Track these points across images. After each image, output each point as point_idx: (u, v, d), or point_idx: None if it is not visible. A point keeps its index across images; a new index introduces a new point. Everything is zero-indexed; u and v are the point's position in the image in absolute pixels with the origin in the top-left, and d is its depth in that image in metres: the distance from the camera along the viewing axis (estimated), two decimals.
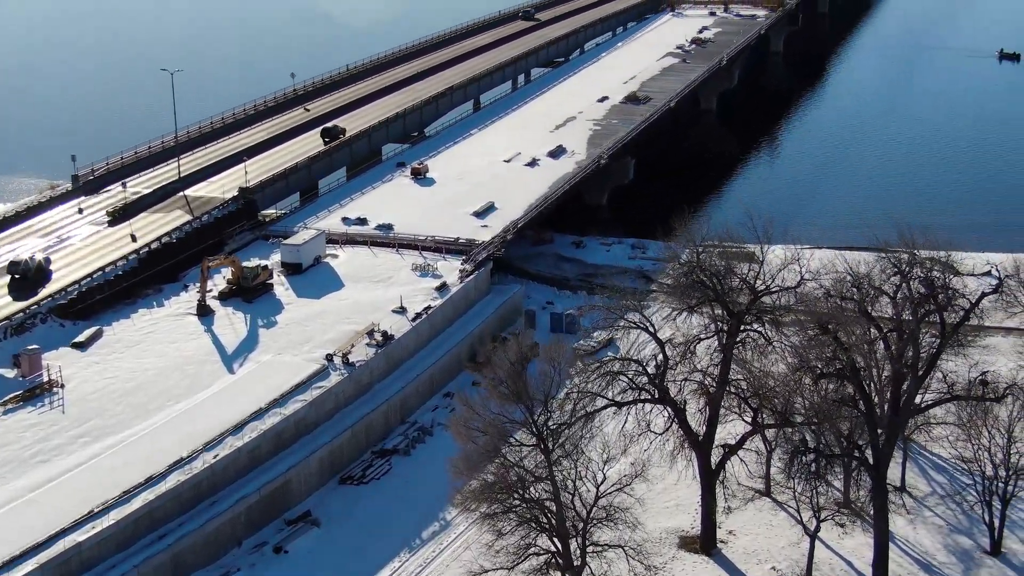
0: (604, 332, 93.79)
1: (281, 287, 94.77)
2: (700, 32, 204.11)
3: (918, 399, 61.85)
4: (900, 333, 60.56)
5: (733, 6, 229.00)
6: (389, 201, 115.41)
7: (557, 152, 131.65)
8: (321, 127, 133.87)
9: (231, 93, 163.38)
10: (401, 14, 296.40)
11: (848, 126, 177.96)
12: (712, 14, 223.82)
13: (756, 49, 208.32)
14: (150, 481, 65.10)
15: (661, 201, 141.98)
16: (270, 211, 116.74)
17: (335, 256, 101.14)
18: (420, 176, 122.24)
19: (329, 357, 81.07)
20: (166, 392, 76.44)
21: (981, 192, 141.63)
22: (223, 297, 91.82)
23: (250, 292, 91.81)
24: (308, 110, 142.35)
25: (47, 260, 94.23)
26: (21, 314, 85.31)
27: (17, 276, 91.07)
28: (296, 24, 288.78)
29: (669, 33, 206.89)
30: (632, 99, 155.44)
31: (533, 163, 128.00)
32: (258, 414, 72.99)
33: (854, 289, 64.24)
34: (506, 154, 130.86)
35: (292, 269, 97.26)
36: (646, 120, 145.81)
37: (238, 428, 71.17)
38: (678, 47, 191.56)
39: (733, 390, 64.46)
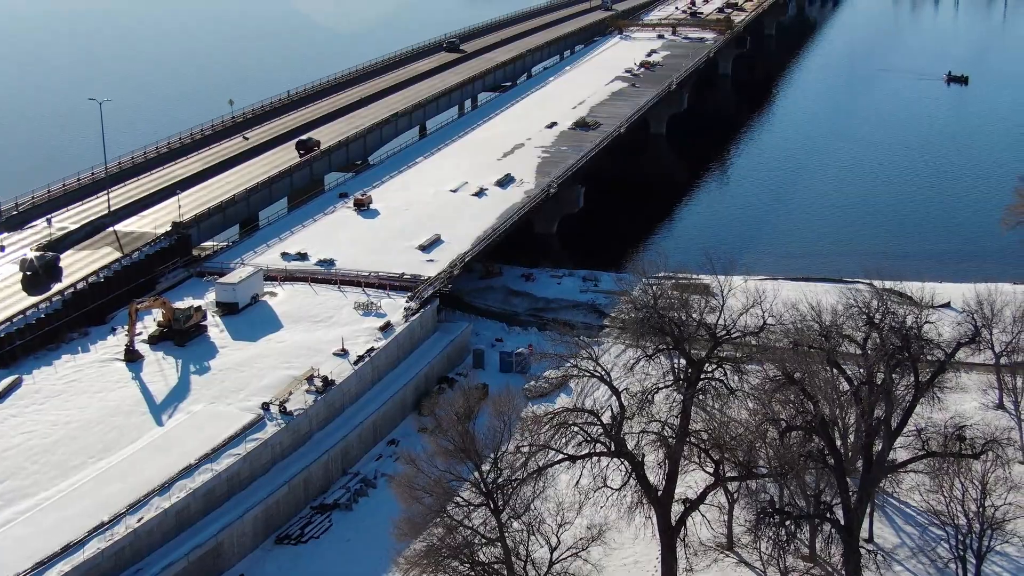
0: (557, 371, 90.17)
1: (216, 329, 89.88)
2: (649, 55, 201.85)
3: (891, 453, 58.56)
4: (872, 387, 57.12)
5: (681, 29, 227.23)
6: (331, 234, 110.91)
7: (505, 181, 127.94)
8: (296, 140, 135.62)
9: (166, 121, 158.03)
10: (347, 37, 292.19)
11: (799, 149, 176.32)
12: (660, 37, 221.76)
13: (704, 72, 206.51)
14: (67, 550, 60.02)
15: (612, 229, 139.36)
16: (209, 243, 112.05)
17: (273, 294, 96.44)
18: (363, 208, 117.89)
19: (265, 406, 76.39)
20: (88, 448, 71.29)
21: (933, 218, 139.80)
22: (153, 341, 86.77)
23: (182, 335, 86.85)
24: (247, 139, 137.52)
25: None
26: None
27: None
28: (236, 49, 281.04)
29: (617, 56, 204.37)
30: (581, 125, 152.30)
31: (481, 193, 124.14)
32: (188, 471, 68.10)
33: (822, 339, 60.50)
34: (453, 183, 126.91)
35: (228, 309, 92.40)
36: (596, 147, 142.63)
37: (165, 487, 66.24)
38: (627, 71, 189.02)
39: (694, 441, 60.79)
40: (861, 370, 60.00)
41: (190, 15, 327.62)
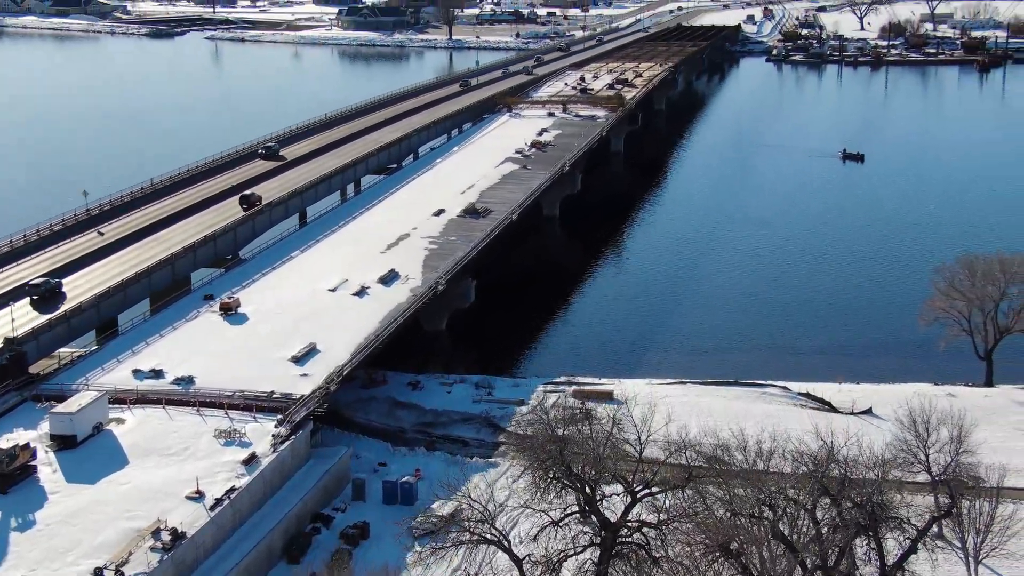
0: (445, 504, 79.65)
1: (48, 468, 77.05)
2: (540, 134, 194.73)
3: None
4: (827, 570, 47.84)
5: (572, 107, 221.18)
6: (192, 345, 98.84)
7: (389, 277, 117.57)
8: (240, 195, 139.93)
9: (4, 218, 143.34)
10: (226, 113, 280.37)
11: (696, 233, 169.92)
12: (551, 115, 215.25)
13: (597, 150, 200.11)
14: None
15: (506, 324, 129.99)
16: (66, 350, 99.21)
17: (121, 421, 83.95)
18: (230, 312, 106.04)
19: (99, 572, 64.00)
20: None
21: (843, 308, 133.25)
22: None
23: (6, 479, 73.88)
24: (103, 234, 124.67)
25: None
26: None
27: None
28: (89, 138, 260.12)
29: (507, 136, 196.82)
30: (471, 212, 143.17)
31: (362, 292, 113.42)
32: None
33: (766, 508, 51.11)
34: (332, 280, 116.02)
35: (64, 443, 79.68)
36: (487, 236, 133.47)
37: None
38: (517, 151, 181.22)
39: None
40: (811, 543, 50.71)
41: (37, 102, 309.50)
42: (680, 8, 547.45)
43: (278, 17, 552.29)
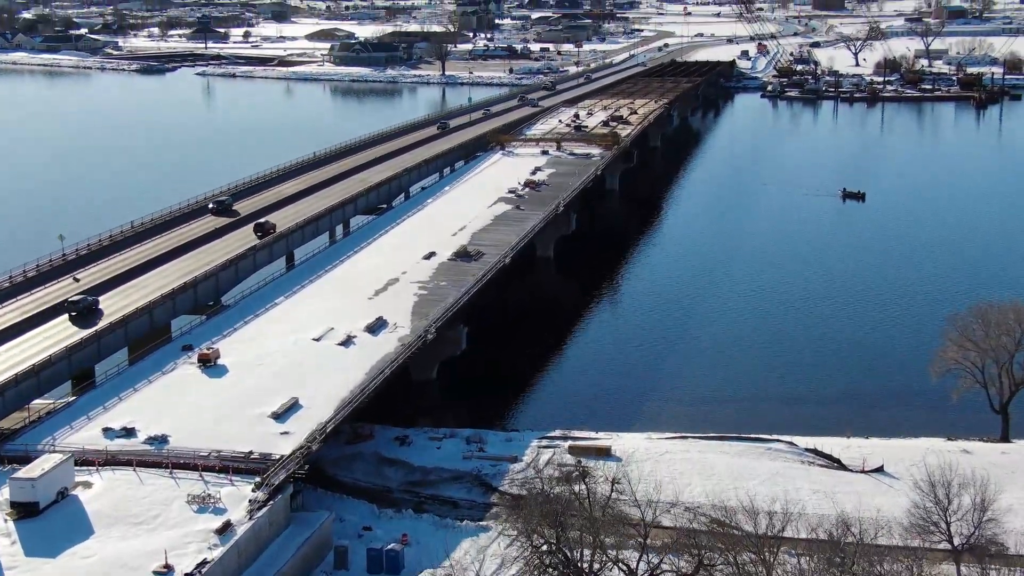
0: (434, 573, 74.97)
1: (6, 540, 71.90)
2: (533, 173, 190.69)
3: None
4: None
5: (566, 144, 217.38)
6: (168, 400, 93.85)
7: (377, 326, 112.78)
8: (254, 223, 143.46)
9: None
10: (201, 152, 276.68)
11: (694, 273, 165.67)
12: (544, 153, 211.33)
13: (592, 189, 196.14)
14: None
15: (498, 372, 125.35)
16: (40, 401, 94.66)
17: (88, 485, 78.86)
18: (209, 364, 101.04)
19: None
20: None
21: (850, 356, 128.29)
22: None
23: None
24: (78, 280, 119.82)
25: None
26: None
27: None
28: (65, 180, 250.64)
29: (500, 174, 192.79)
30: (462, 255, 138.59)
31: (348, 341, 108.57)
32: None
33: None
34: (317, 329, 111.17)
35: (25, 511, 74.55)
36: (479, 281, 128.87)
37: None
38: (510, 191, 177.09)
39: None
40: None
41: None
42: (667, 44, 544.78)
43: (270, 53, 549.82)
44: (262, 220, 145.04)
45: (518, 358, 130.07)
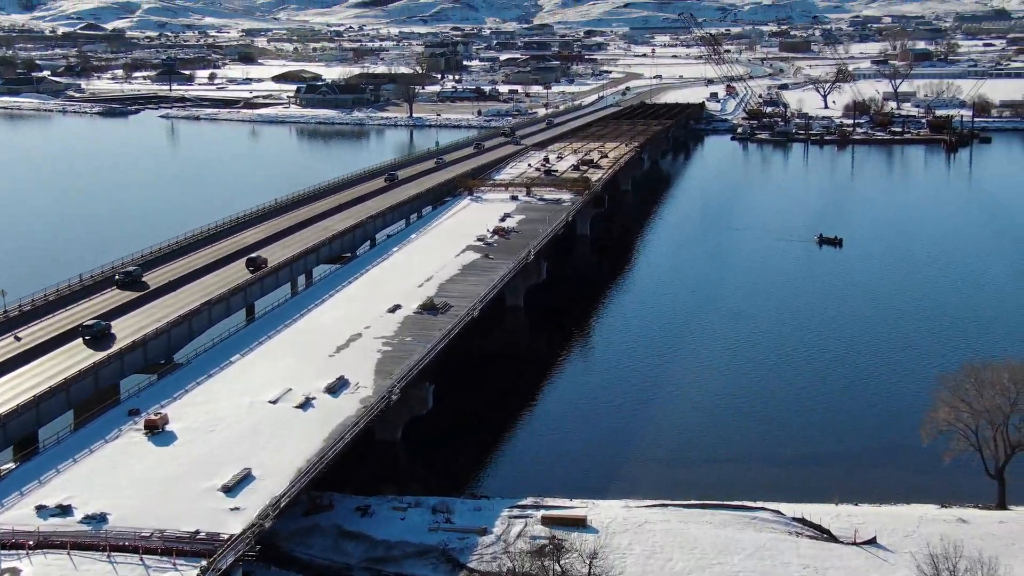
0: None
1: None
2: (502, 220, 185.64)
3: None
4: None
5: (536, 189, 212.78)
6: (110, 472, 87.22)
7: (338, 386, 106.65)
8: (246, 258, 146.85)
9: None
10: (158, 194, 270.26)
11: (667, 323, 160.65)
12: (514, 198, 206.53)
13: (563, 236, 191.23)
14: None
15: (466, 432, 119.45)
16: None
17: (15, 573, 72.02)
18: (156, 431, 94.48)
19: None
20: None
21: (834, 413, 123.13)
22: None
23: None
24: (19, 339, 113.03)
25: None
26: None
27: None
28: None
29: (469, 221, 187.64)
30: (429, 308, 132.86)
31: (307, 404, 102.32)
32: None
33: None
34: (274, 390, 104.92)
35: None
36: (445, 336, 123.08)
37: None
38: (479, 238, 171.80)
39: None
40: None
41: None
42: (628, 88, 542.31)
43: (236, 95, 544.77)
44: (254, 255, 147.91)
45: (487, 416, 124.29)
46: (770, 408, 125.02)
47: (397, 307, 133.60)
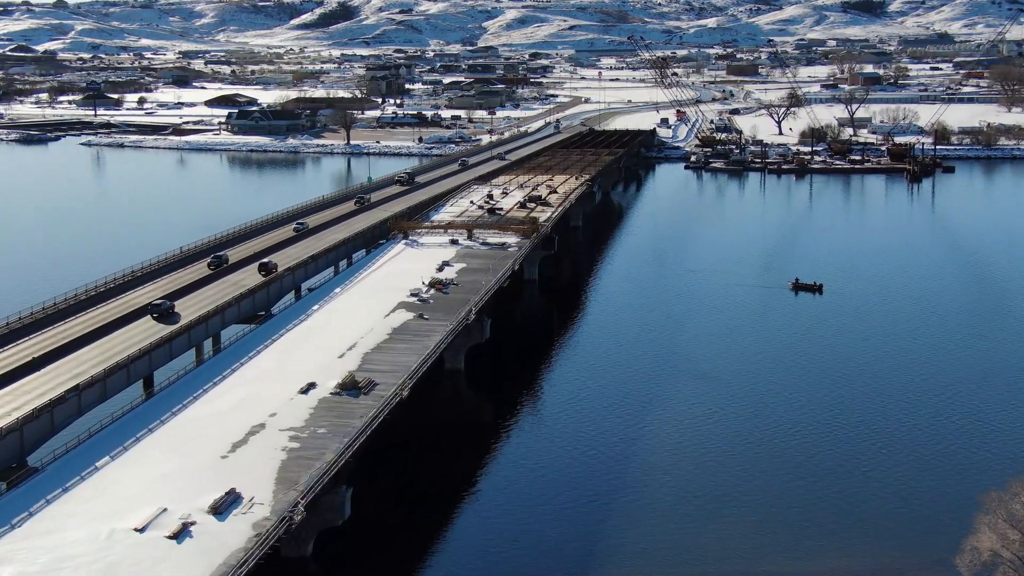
0: None
1: None
2: (440, 269, 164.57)
3: None
4: None
5: (479, 232, 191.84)
6: None
7: (226, 503, 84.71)
8: (258, 263, 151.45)
9: None
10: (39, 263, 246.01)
11: (626, 387, 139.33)
12: (454, 242, 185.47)
13: (509, 284, 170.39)
14: None
15: (390, 543, 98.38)
16: None
17: None
18: None
19: None
20: None
21: (829, 506, 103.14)
22: None
23: None
24: None
25: None
26: None
27: None
28: None
29: (402, 271, 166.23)
30: (349, 387, 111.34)
31: (183, 531, 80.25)
32: None
33: None
34: (143, 512, 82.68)
35: None
36: (367, 424, 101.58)
37: None
38: (413, 292, 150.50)
39: None
40: None
41: None
42: (559, 121, 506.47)
43: (165, 120, 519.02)
44: (266, 260, 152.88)
45: (416, 520, 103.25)
46: (753, 490, 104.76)
47: (311, 386, 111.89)
